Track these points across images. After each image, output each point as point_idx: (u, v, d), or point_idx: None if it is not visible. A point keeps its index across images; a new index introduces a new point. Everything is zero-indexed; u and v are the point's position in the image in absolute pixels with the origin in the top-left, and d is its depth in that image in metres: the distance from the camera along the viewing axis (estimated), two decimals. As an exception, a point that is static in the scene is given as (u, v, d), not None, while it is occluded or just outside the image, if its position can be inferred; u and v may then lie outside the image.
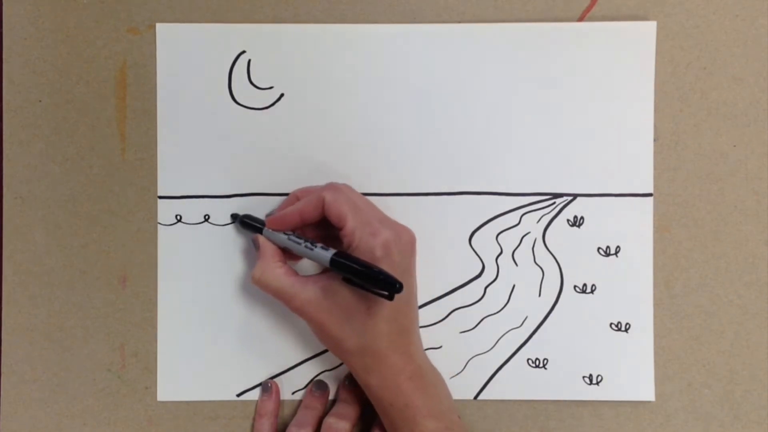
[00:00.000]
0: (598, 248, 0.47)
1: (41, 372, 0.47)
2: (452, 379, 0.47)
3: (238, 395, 0.48)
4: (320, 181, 0.47)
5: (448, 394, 0.44)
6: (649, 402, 0.47)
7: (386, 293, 0.38)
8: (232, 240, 0.47)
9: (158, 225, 0.47)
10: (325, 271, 0.44)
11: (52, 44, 0.47)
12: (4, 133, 0.48)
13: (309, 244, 0.42)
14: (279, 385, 0.47)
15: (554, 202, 0.48)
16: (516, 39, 0.47)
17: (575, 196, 0.48)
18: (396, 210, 0.47)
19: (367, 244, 0.40)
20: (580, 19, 0.48)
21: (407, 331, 0.42)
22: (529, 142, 0.47)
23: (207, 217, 0.48)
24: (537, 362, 0.48)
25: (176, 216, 0.48)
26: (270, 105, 0.48)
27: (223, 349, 0.47)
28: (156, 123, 0.47)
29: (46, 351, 0.47)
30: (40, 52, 0.47)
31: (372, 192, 0.47)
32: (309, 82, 0.47)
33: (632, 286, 0.47)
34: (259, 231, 0.45)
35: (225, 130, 0.47)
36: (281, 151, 0.47)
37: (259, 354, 0.47)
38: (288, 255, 0.45)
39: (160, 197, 0.48)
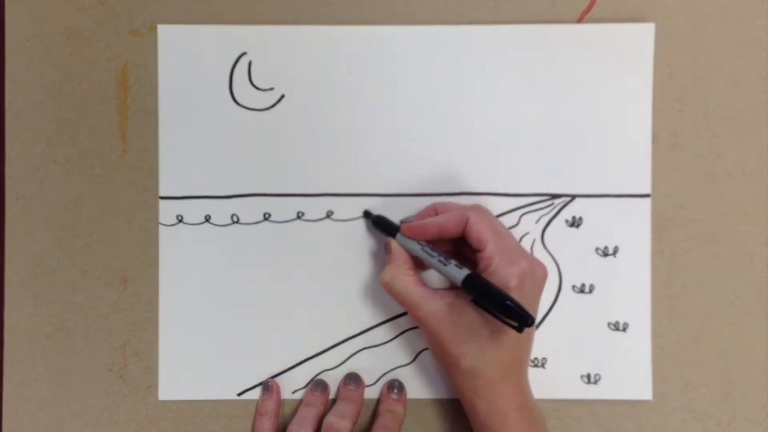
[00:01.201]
0: (597, 248, 0.48)
1: (43, 372, 0.48)
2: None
3: (239, 394, 0.48)
4: (322, 181, 0.47)
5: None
6: (647, 401, 0.48)
7: (515, 324, 0.38)
8: (233, 240, 0.48)
9: (159, 225, 0.48)
10: (453, 287, 0.44)
11: (53, 46, 0.48)
12: (6, 134, 0.48)
13: (443, 259, 0.42)
14: (279, 385, 0.48)
15: (553, 203, 0.48)
16: (515, 41, 0.47)
17: (574, 196, 0.48)
18: (396, 210, 0.47)
19: (504, 272, 0.40)
20: (579, 20, 0.48)
21: (522, 362, 0.42)
22: (527, 142, 0.48)
23: (208, 217, 0.48)
24: (536, 361, 0.48)
25: (177, 216, 0.48)
26: (271, 106, 0.48)
27: (223, 349, 0.48)
28: (157, 124, 0.48)
29: (48, 351, 0.48)
30: (42, 53, 0.48)
31: (372, 192, 0.48)
32: (309, 83, 0.48)
33: (630, 286, 0.48)
34: (392, 235, 0.45)
35: (226, 131, 0.48)
36: (282, 152, 0.48)
37: (260, 353, 0.48)
38: (416, 263, 0.45)
39: (161, 198, 0.48)
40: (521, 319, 0.38)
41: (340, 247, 0.48)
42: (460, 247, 0.45)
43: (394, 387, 0.47)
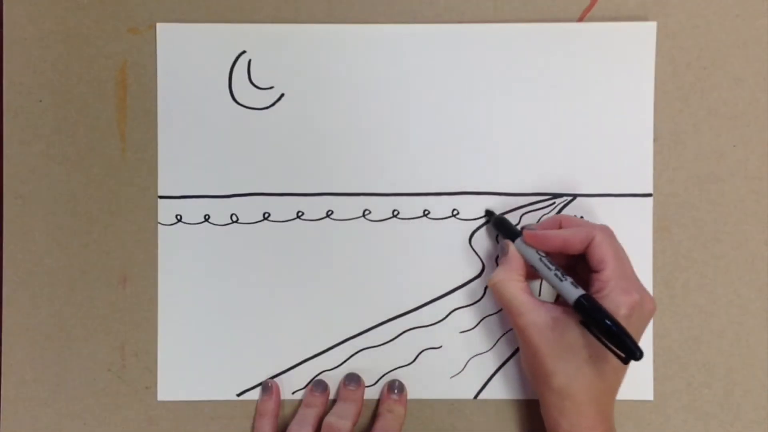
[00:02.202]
0: (598, 248, 0.47)
1: (42, 372, 0.48)
2: (452, 378, 0.47)
3: (239, 395, 0.48)
4: (322, 180, 0.47)
5: None
6: (648, 401, 0.47)
7: (622, 355, 0.38)
8: (233, 240, 0.47)
9: (158, 225, 0.48)
10: (561, 302, 0.43)
11: (52, 44, 0.47)
12: (4, 133, 0.48)
13: (560, 274, 0.41)
14: (279, 385, 0.47)
15: (554, 202, 0.48)
16: (516, 39, 0.47)
17: (575, 196, 0.48)
18: (396, 210, 0.47)
19: (616, 299, 0.40)
20: (580, 19, 0.48)
21: (614, 392, 0.42)
22: (528, 142, 0.47)
23: (207, 217, 0.48)
24: (537, 362, 0.48)
25: (176, 216, 0.48)
26: (270, 105, 0.48)
27: (223, 349, 0.47)
28: (156, 123, 0.47)
29: (47, 351, 0.48)
30: (41, 51, 0.47)
31: (372, 192, 0.47)
32: (309, 82, 0.47)
33: (632, 286, 0.47)
34: (511, 238, 0.45)
35: (225, 130, 0.47)
36: (281, 151, 0.47)
37: (259, 354, 0.48)
38: (528, 272, 0.44)
39: (161, 197, 0.48)
40: (629, 351, 0.37)
41: (339, 247, 0.47)
42: (574, 264, 0.44)
43: (395, 387, 0.47)
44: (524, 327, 0.42)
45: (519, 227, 0.46)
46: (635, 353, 0.37)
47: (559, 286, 0.41)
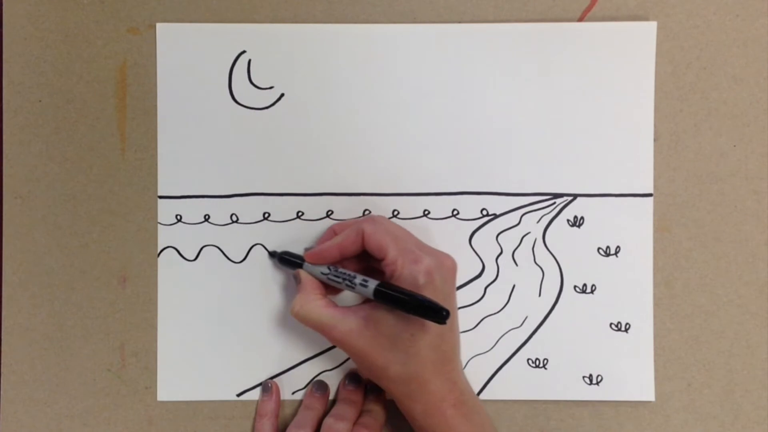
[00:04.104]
0: (598, 248, 0.47)
1: (41, 372, 0.47)
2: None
3: (238, 395, 0.48)
4: (322, 180, 0.47)
5: (491, 422, 0.44)
6: (649, 402, 0.47)
7: (437, 320, 0.38)
8: (233, 240, 0.47)
9: (158, 225, 0.47)
10: (365, 301, 0.44)
11: (52, 44, 0.47)
12: (4, 132, 0.48)
13: (348, 280, 0.42)
14: (279, 385, 0.47)
15: (554, 202, 0.48)
16: (516, 39, 0.47)
17: (575, 196, 0.48)
18: (396, 210, 0.47)
19: (410, 273, 0.40)
20: (581, 19, 0.48)
21: (450, 357, 0.42)
22: (529, 142, 0.47)
23: (207, 216, 0.48)
24: (537, 362, 0.48)
25: (176, 216, 0.48)
26: (270, 105, 0.48)
27: (223, 349, 0.47)
28: (156, 123, 0.47)
29: (46, 351, 0.47)
30: (40, 51, 0.47)
31: (372, 192, 0.47)
32: (309, 82, 0.47)
33: (632, 286, 0.47)
34: (299, 266, 0.45)
35: (225, 130, 0.47)
36: (281, 151, 0.47)
37: (259, 354, 0.47)
38: (329, 288, 0.45)
39: (160, 197, 0.47)
40: (437, 314, 0.38)
41: (340, 247, 0.47)
42: (370, 261, 0.44)
43: (374, 388, 0.47)
44: (341, 338, 0.42)
45: (304, 252, 0.46)
46: (441, 313, 0.38)
47: (356, 291, 0.42)
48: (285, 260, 0.46)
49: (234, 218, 0.48)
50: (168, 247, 0.47)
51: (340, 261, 0.44)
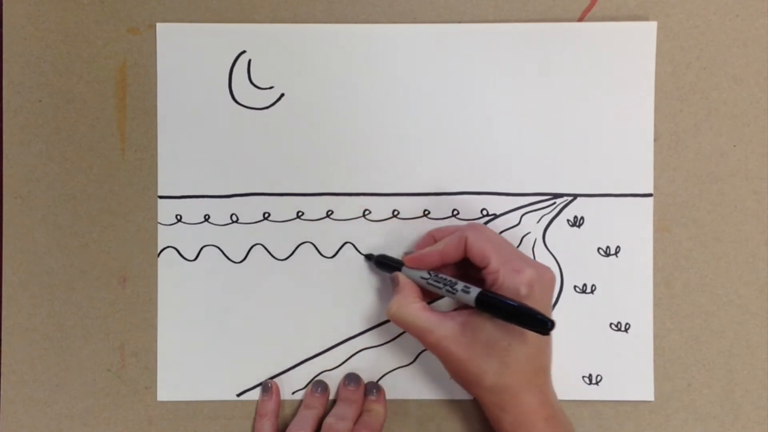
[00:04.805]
0: (598, 248, 0.47)
1: (41, 372, 0.47)
2: (452, 379, 0.47)
3: (238, 395, 0.48)
4: (322, 180, 0.47)
5: None
6: (648, 402, 0.47)
7: (539, 330, 0.38)
8: (233, 240, 0.47)
9: (158, 225, 0.47)
10: (463, 307, 0.44)
11: (52, 44, 0.47)
12: (4, 132, 0.48)
13: (450, 286, 0.42)
14: (279, 385, 0.47)
15: (554, 202, 0.48)
16: (516, 39, 0.47)
17: (575, 196, 0.48)
18: (396, 210, 0.47)
19: (512, 282, 0.40)
20: (581, 19, 0.48)
21: (544, 370, 0.42)
22: (529, 142, 0.47)
23: (207, 216, 0.48)
24: (537, 362, 0.47)
25: (176, 216, 0.48)
26: (270, 105, 0.48)
27: (223, 349, 0.47)
28: (156, 123, 0.47)
29: (46, 351, 0.47)
30: (41, 51, 0.47)
31: (372, 192, 0.47)
32: (309, 82, 0.47)
33: (632, 286, 0.47)
34: (397, 269, 0.45)
35: (225, 130, 0.47)
36: (281, 151, 0.47)
37: (259, 354, 0.47)
38: (427, 293, 0.44)
39: (160, 197, 0.48)
40: (541, 325, 0.37)
41: (339, 247, 0.47)
42: (467, 268, 0.44)
43: (373, 388, 0.47)
44: (436, 342, 0.42)
45: (402, 257, 0.46)
46: (546, 323, 0.37)
47: (455, 297, 0.42)
48: (382, 264, 0.46)
49: (234, 218, 0.48)
50: (168, 247, 0.47)
51: (439, 267, 0.44)
